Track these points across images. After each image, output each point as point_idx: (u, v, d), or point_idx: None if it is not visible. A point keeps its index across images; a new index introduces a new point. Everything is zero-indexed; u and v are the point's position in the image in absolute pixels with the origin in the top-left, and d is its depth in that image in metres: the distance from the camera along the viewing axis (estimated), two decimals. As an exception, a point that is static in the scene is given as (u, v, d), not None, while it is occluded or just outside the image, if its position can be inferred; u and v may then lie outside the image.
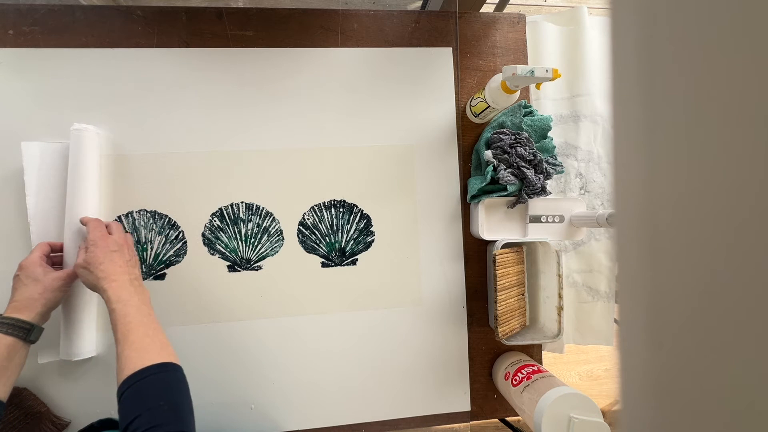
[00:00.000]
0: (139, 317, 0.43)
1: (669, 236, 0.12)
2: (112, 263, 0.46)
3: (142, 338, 0.41)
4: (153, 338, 0.42)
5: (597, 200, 0.67)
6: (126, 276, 0.46)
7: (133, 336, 0.41)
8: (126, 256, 0.48)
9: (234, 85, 0.57)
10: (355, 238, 0.59)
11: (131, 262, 0.48)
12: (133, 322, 0.42)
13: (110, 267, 0.46)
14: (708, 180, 0.11)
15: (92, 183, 0.51)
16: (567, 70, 0.67)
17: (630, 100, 0.13)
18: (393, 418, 0.59)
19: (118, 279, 0.45)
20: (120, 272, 0.46)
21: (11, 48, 0.53)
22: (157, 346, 0.41)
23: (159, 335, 0.43)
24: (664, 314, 0.13)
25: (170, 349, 0.42)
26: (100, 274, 0.45)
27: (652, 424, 0.13)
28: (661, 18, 0.12)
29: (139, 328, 0.42)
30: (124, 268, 0.47)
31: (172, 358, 0.41)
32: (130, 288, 0.45)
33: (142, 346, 0.40)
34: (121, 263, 0.47)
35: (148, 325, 0.43)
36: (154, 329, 0.43)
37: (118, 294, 0.44)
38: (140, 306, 0.44)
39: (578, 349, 1.32)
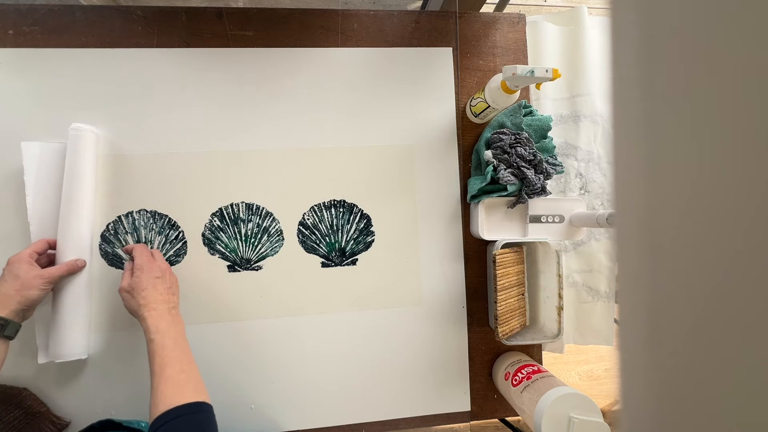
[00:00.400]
0: (176, 351, 0.43)
1: (669, 236, 0.12)
2: (155, 290, 0.47)
3: (178, 374, 0.41)
4: (189, 374, 0.42)
5: (597, 200, 0.67)
6: (165, 305, 0.46)
7: (169, 370, 0.41)
8: (167, 283, 0.49)
9: (234, 85, 0.57)
10: (355, 238, 0.59)
11: (171, 290, 0.49)
12: (170, 355, 0.42)
13: (152, 294, 0.46)
14: (708, 180, 0.11)
15: (88, 183, 0.51)
16: (567, 70, 0.67)
17: (630, 100, 0.13)
18: (393, 418, 0.59)
19: (158, 308, 0.45)
20: (160, 300, 0.46)
21: (11, 48, 0.53)
22: (193, 383, 0.42)
23: (194, 371, 0.43)
24: (664, 314, 0.13)
25: (203, 386, 0.43)
26: (141, 300, 0.46)
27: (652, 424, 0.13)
28: (661, 18, 0.12)
29: (175, 363, 0.42)
30: (165, 296, 0.47)
31: (205, 397, 0.42)
32: (168, 318, 0.45)
33: (177, 382, 0.41)
34: (162, 290, 0.47)
35: (183, 360, 0.43)
36: (189, 364, 0.43)
37: (156, 324, 0.44)
38: (177, 338, 0.44)
39: (578, 349, 1.32)
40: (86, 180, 0.51)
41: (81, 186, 0.51)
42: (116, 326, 0.54)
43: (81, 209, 0.51)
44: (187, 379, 0.42)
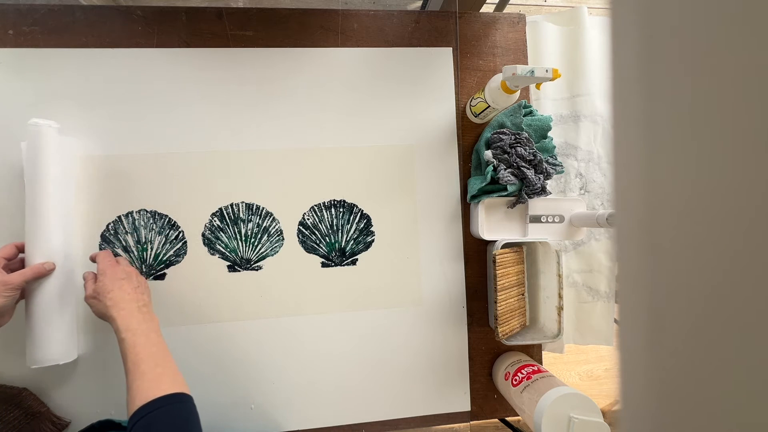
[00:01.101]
0: (149, 348, 0.42)
1: (669, 236, 0.12)
2: (121, 290, 0.46)
3: (153, 368, 0.41)
4: (164, 368, 0.42)
5: (597, 200, 0.67)
6: (134, 303, 0.46)
7: (143, 366, 0.40)
8: (134, 282, 0.48)
9: (234, 85, 0.57)
10: (355, 238, 0.59)
11: (140, 289, 0.48)
12: (144, 352, 0.42)
13: (119, 294, 0.46)
14: (708, 180, 0.11)
15: (52, 183, 0.48)
16: (567, 70, 0.67)
17: (630, 100, 0.13)
18: (393, 418, 0.59)
19: (127, 307, 0.45)
20: (128, 299, 0.46)
21: (11, 48, 0.53)
22: (169, 375, 0.41)
23: (170, 365, 0.43)
24: (664, 314, 0.13)
25: (181, 378, 0.42)
26: (108, 302, 0.45)
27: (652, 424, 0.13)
28: (661, 18, 0.12)
29: (149, 359, 0.41)
30: (132, 295, 0.46)
31: (184, 388, 0.41)
32: (138, 316, 0.45)
33: (153, 376, 0.40)
34: (129, 290, 0.47)
35: (157, 355, 0.42)
36: (164, 358, 0.43)
37: (126, 323, 0.43)
38: (149, 335, 0.44)
39: (578, 349, 1.32)
40: (49, 179, 0.48)
41: (44, 186, 0.47)
42: (116, 326, 0.54)
43: (46, 210, 0.48)
44: (163, 373, 0.41)
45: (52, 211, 0.48)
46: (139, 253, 0.55)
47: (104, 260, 0.48)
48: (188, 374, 0.52)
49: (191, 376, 0.52)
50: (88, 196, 0.54)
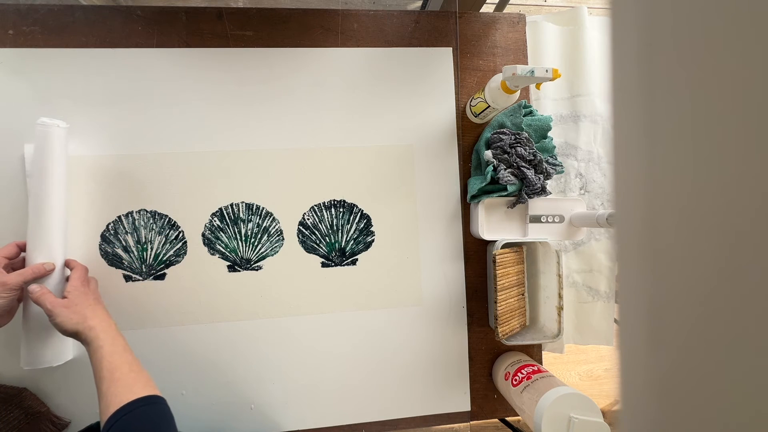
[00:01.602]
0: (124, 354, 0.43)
1: (669, 236, 0.12)
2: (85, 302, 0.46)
3: (127, 374, 0.41)
4: (138, 373, 0.42)
5: (597, 200, 0.67)
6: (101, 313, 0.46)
7: (118, 373, 0.41)
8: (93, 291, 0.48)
9: (234, 85, 0.57)
10: (355, 238, 0.59)
11: (99, 299, 0.49)
12: (119, 359, 0.42)
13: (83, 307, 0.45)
14: (708, 180, 0.11)
15: (58, 183, 0.48)
16: (567, 70, 0.67)
17: (630, 100, 0.13)
18: (393, 418, 0.59)
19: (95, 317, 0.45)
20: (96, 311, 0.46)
21: (11, 48, 0.53)
22: (142, 380, 0.42)
23: (143, 371, 0.43)
24: (664, 314, 0.13)
25: (152, 382, 0.43)
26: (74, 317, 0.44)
27: (652, 424, 0.13)
28: (661, 18, 0.12)
29: (123, 364, 0.42)
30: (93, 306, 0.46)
31: (156, 391, 0.42)
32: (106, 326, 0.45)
33: (127, 381, 0.41)
34: (93, 302, 0.47)
35: (132, 360, 0.43)
36: (137, 365, 0.43)
37: (97, 334, 0.43)
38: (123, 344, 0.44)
39: (578, 349, 1.32)
40: (55, 179, 0.48)
41: (49, 185, 0.47)
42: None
43: (50, 210, 0.47)
44: (136, 378, 0.42)
45: (56, 210, 0.48)
46: (139, 253, 0.55)
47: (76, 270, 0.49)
48: (188, 374, 0.52)
49: (191, 376, 0.53)
50: (87, 195, 0.54)
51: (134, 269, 0.55)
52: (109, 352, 0.42)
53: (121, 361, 0.42)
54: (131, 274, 0.54)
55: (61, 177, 0.48)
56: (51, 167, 0.47)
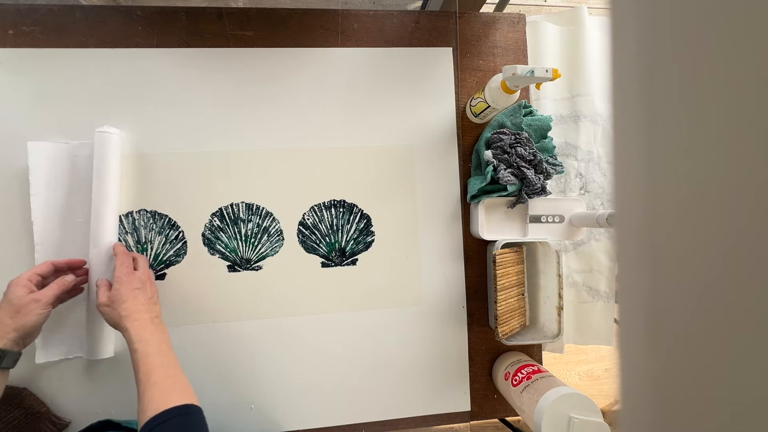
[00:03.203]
0: (160, 359, 0.43)
1: (669, 236, 0.12)
2: (135, 301, 0.46)
3: (164, 379, 0.41)
4: (174, 379, 0.42)
5: (597, 200, 0.67)
6: (147, 314, 0.46)
7: (155, 377, 0.41)
8: (148, 293, 0.48)
9: (234, 85, 0.57)
10: (355, 238, 0.59)
11: (152, 299, 0.49)
12: (155, 363, 0.42)
13: (133, 305, 0.46)
14: (708, 180, 0.11)
15: (114, 186, 0.52)
16: (567, 70, 0.67)
17: (630, 100, 0.13)
18: (393, 418, 0.59)
19: (140, 318, 0.45)
20: (142, 310, 0.46)
21: (11, 48, 0.53)
22: (180, 387, 0.42)
23: (180, 375, 0.43)
24: (664, 314, 0.13)
25: (191, 390, 0.43)
26: (123, 312, 0.45)
27: (652, 424, 0.13)
28: (661, 18, 0.12)
29: (160, 369, 0.42)
30: (146, 306, 0.47)
31: (193, 399, 0.42)
32: (150, 327, 0.45)
33: (164, 387, 0.41)
34: (143, 301, 0.47)
35: (168, 366, 0.43)
36: (175, 369, 0.43)
37: (139, 334, 0.44)
38: (161, 346, 0.44)
39: (578, 349, 1.32)
40: (112, 179, 0.51)
41: (108, 186, 0.51)
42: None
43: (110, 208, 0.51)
44: (174, 384, 0.41)
45: (113, 207, 0.52)
46: (140, 253, 0.55)
47: (122, 266, 0.48)
48: (188, 374, 0.52)
49: (191, 376, 0.52)
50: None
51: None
52: (144, 353, 0.42)
53: (158, 364, 0.42)
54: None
55: (117, 177, 0.52)
56: (109, 169, 0.51)
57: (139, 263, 0.50)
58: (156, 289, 0.51)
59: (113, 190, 0.52)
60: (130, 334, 0.44)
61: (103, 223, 0.51)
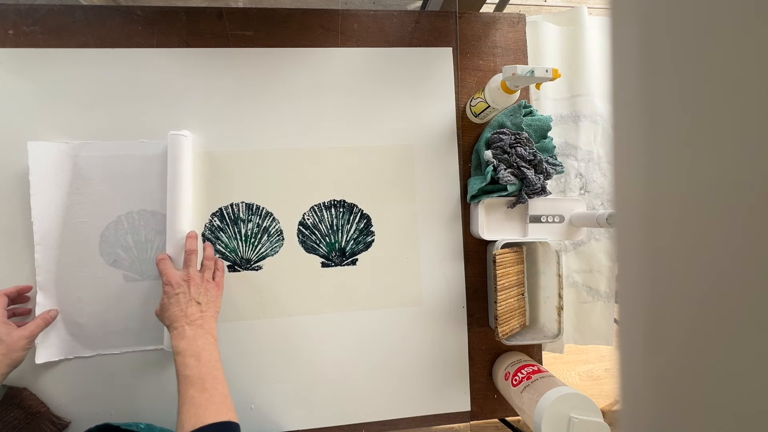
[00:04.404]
0: (198, 369, 0.42)
1: (669, 236, 0.12)
2: (175, 307, 0.46)
3: (200, 394, 0.40)
4: (212, 392, 0.41)
5: (597, 200, 0.67)
6: (185, 320, 0.45)
7: (191, 391, 0.40)
8: (192, 294, 0.47)
9: (233, 85, 0.57)
10: (355, 238, 0.59)
11: (193, 302, 0.47)
12: (192, 375, 0.41)
13: (172, 312, 0.46)
14: (708, 180, 0.11)
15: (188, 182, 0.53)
16: (567, 70, 0.67)
17: (630, 100, 0.13)
18: (393, 418, 0.59)
19: (178, 326, 0.45)
20: (180, 317, 0.46)
21: (11, 48, 0.53)
22: (216, 402, 0.41)
23: (218, 388, 0.42)
24: (664, 314, 0.13)
25: (228, 403, 0.42)
26: (166, 321, 0.46)
27: (652, 424, 0.13)
28: (661, 18, 0.12)
29: (197, 382, 0.41)
30: (185, 310, 0.46)
31: (229, 415, 0.41)
32: (189, 334, 0.44)
33: (199, 403, 0.40)
34: (183, 304, 0.46)
35: (206, 378, 0.42)
36: (213, 380, 0.42)
37: (176, 345, 0.44)
38: (200, 354, 0.43)
39: (578, 349, 1.32)
40: (185, 179, 0.53)
41: (182, 185, 0.52)
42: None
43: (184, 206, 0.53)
44: (210, 398, 0.40)
45: (186, 205, 0.53)
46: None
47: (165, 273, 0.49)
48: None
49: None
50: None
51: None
52: (181, 365, 0.42)
53: (195, 377, 0.41)
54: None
55: (190, 177, 0.54)
56: (182, 169, 0.52)
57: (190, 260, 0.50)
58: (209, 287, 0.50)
59: (187, 193, 0.53)
60: (172, 344, 0.44)
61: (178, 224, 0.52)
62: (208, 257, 0.53)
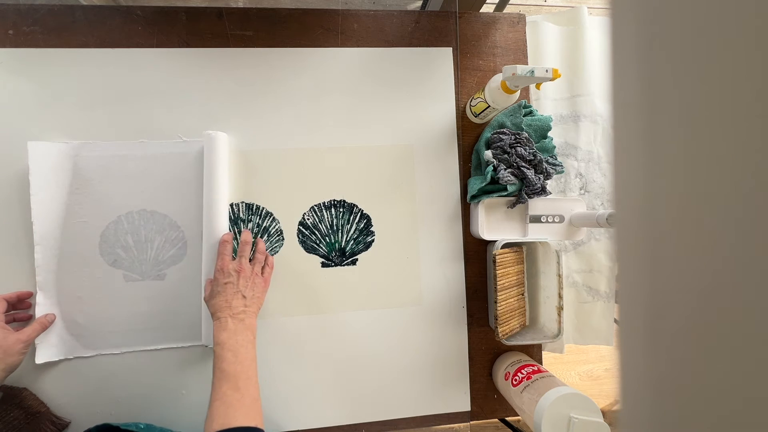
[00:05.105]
0: (234, 366, 0.42)
1: (669, 236, 0.12)
2: (221, 296, 0.46)
3: (232, 392, 0.40)
4: (243, 393, 0.41)
5: (597, 200, 0.67)
6: (229, 311, 0.45)
7: (225, 387, 0.40)
8: (238, 286, 0.48)
9: (233, 85, 0.57)
10: (355, 238, 0.59)
11: (240, 294, 0.47)
12: (228, 370, 0.41)
13: (218, 302, 0.46)
14: (708, 180, 0.11)
15: (225, 186, 0.54)
16: (567, 70, 0.67)
17: (630, 100, 0.13)
18: (393, 418, 0.59)
19: (222, 316, 0.45)
20: (225, 307, 0.46)
21: (11, 48, 0.53)
22: (246, 404, 0.40)
23: (250, 388, 0.42)
24: (664, 314, 0.13)
25: (257, 407, 0.42)
26: (211, 309, 0.46)
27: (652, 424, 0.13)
28: (661, 18, 0.12)
29: (231, 379, 0.41)
30: (230, 301, 0.46)
31: (256, 421, 0.41)
32: (231, 327, 0.44)
33: (230, 402, 0.40)
34: (230, 295, 0.47)
35: (240, 376, 0.42)
36: (247, 380, 0.42)
37: (218, 335, 0.44)
38: (238, 349, 0.43)
39: (578, 349, 1.32)
40: (222, 177, 0.53)
41: (219, 182, 0.53)
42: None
43: (221, 202, 0.53)
44: (241, 400, 0.40)
45: (223, 202, 0.54)
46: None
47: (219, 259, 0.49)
48: (189, 374, 0.52)
49: (192, 376, 0.52)
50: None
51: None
52: (219, 358, 0.42)
53: (230, 373, 0.41)
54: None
55: (226, 174, 0.54)
56: (219, 167, 0.53)
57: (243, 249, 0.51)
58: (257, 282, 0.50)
59: (224, 189, 0.54)
60: (213, 333, 0.44)
61: (216, 220, 0.53)
62: (260, 251, 0.53)
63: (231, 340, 0.43)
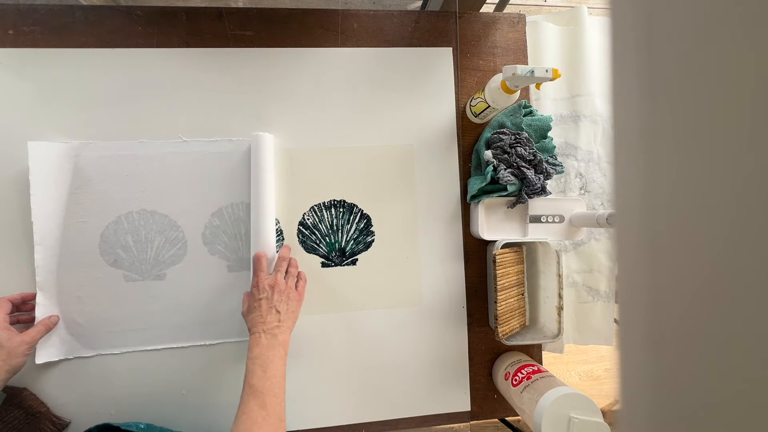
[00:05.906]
0: (263, 381, 0.42)
1: (669, 236, 0.12)
2: (256, 312, 0.47)
3: (259, 409, 0.40)
4: (269, 411, 0.41)
5: (597, 200, 0.67)
6: (262, 326, 0.46)
7: (252, 403, 0.41)
8: (272, 301, 0.48)
9: (233, 85, 0.57)
10: (355, 238, 0.59)
11: (274, 310, 0.47)
12: (257, 385, 0.42)
13: (254, 318, 0.47)
14: (708, 180, 0.11)
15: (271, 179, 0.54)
16: (567, 70, 0.67)
17: (630, 100, 0.13)
18: (393, 418, 0.59)
19: (256, 331, 0.46)
20: (259, 322, 0.46)
21: (11, 48, 0.53)
22: (271, 421, 0.40)
23: (276, 407, 0.42)
24: (664, 314, 0.13)
25: (282, 427, 0.42)
26: (248, 324, 0.47)
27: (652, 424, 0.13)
28: (661, 18, 0.12)
29: (259, 395, 0.41)
30: (265, 317, 0.47)
31: None
32: (264, 342, 0.45)
33: (255, 419, 0.40)
34: (264, 312, 0.47)
35: (267, 393, 0.42)
36: (274, 397, 0.42)
37: (251, 350, 0.44)
38: (268, 365, 0.43)
39: (578, 349, 1.32)
40: (269, 177, 0.54)
41: (266, 183, 0.54)
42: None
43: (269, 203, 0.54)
44: (266, 418, 0.40)
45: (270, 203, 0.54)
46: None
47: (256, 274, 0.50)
48: (189, 374, 0.52)
49: (192, 376, 0.53)
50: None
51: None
52: (250, 372, 0.42)
53: (257, 389, 0.41)
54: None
55: (272, 174, 0.55)
56: (266, 167, 0.54)
57: (279, 264, 0.51)
58: (291, 296, 0.50)
59: (271, 193, 0.54)
60: (249, 346, 0.44)
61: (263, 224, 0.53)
62: (293, 265, 0.54)
63: (262, 355, 0.44)
